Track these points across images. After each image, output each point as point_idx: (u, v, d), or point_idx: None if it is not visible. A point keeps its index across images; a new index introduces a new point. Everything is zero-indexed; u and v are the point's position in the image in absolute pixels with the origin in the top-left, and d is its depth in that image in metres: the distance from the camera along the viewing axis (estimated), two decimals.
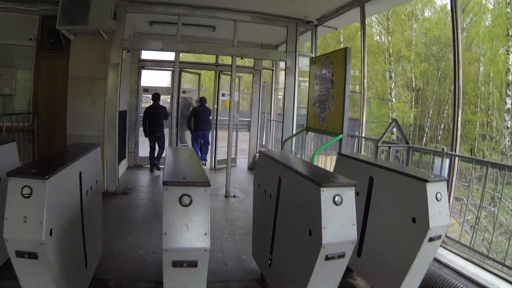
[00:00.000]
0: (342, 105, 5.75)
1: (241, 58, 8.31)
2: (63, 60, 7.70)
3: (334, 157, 7.30)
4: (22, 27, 7.83)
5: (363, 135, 6.78)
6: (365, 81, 6.65)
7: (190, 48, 8.27)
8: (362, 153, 6.49)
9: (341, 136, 5.77)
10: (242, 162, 12.06)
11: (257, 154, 11.34)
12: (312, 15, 8.14)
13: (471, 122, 22.78)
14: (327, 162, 7.57)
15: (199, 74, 11.37)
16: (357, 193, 3.77)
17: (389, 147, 5.38)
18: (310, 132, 7.17)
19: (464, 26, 23.24)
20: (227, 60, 11.45)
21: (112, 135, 7.95)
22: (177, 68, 8.32)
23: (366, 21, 6.72)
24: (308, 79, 7.08)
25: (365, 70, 6.61)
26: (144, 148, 11.58)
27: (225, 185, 8.33)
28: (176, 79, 8.95)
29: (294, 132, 8.39)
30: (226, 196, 8.24)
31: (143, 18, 8.96)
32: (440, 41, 24.78)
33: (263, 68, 11.48)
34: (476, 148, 22.59)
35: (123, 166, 10.08)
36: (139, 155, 11.27)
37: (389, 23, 25.28)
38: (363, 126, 6.63)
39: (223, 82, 11.01)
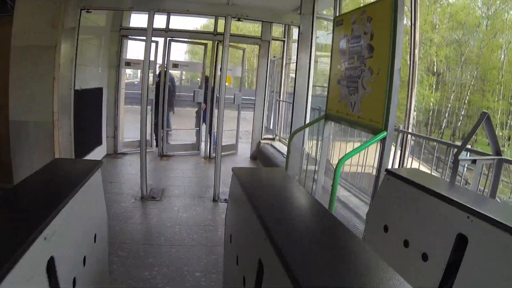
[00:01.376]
0: (388, 85, 3.37)
1: (239, 20, 5.90)
2: (7, 26, 5.52)
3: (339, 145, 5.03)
4: None
5: (410, 130, 4.41)
6: (416, 39, 4.28)
7: (168, 6, 5.82)
8: (412, 165, 4.22)
9: (384, 134, 3.40)
10: (246, 149, 9.77)
11: (262, 141, 9.04)
12: None
13: (494, 109, 21.51)
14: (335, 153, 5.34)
15: (205, 45, 9.00)
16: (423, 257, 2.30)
17: (474, 162, 2.98)
18: (331, 123, 4.74)
19: (490, 13, 22.60)
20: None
21: (66, 120, 5.76)
22: (150, 36, 5.87)
23: None
24: (329, 53, 4.73)
25: (416, 26, 4.24)
26: (129, 131, 9.38)
27: (214, 184, 6.07)
28: (150, 50, 6.59)
29: (307, 120, 6.04)
30: (214, 200, 6.02)
31: None
32: (465, 26, 22.92)
33: (272, 39, 9.04)
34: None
35: (97, 154, 7.98)
36: (124, 140, 9.10)
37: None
38: (410, 116, 4.28)
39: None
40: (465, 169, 4.74)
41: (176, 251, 4.30)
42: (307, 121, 6.03)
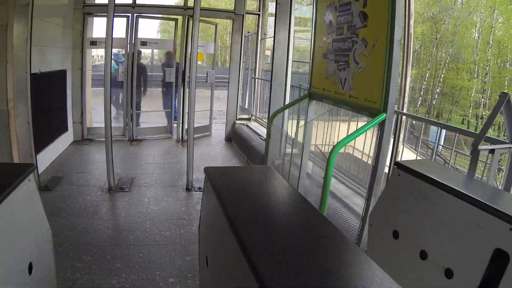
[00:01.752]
0: (387, 58, 2.83)
1: None
2: None
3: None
4: None
5: (405, 110, 3.92)
6: (411, 8, 3.75)
7: None
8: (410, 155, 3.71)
9: (383, 116, 2.87)
10: (220, 130, 9.18)
11: (237, 122, 8.47)
12: None
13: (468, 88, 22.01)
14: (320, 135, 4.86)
15: (176, 20, 8.23)
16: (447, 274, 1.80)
17: (492, 152, 2.46)
18: (316, 102, 4.17)
19: None
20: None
21: (23, 108, 5.06)
22: (112, 12, 5.11)
23: None
24: (304, 27, 4.15)
25: None
26: (98, 114, 8.67)
27: (186, 171, 5.48)
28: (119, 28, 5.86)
29: (287, 99, 5.49)
30: (187, 189, 5.46)
31: None
32: (441, 3, 22.76)
33: (246, 13, 8.38)
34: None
35: (63, 141, 7.30)
36: (93, 125, 8.39)
37: None
38: (406, 96, 3.78)
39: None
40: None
41: (147, 252, 3.75)
42: (287, 100, 5.49)
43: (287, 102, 5.49)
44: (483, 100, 21.20)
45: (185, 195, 5.24)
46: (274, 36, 5.32)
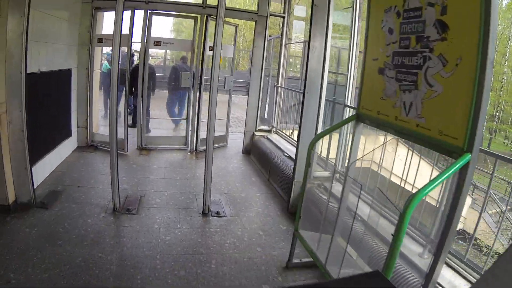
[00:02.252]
0: (477, 82, 2.21)
1: None
2: None
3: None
4: None
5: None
6: None
7: None
8: None
9: (468, 157, 2.25)
10: (237, 140, 8.58)
11: (257, 133, 7.86)
12: None
13: None
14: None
15: (195, 18, 7.57)
16: None
17: None
18: (365, 125, 3.51)
19: None
20: None
21: (16, 113, 4.48)
22: (121, 6, 4.55)
23: None
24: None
25: None
26: (105, 118, 8.15)
27: (203, 192, 4.88)
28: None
29: (321, 114, 4.88)
30: (204, 213, 4.86)
31: None
32: None
33: (270, 15, 7.77)
34: None
35: (66, 148, 6.77)
36: (100, 132, 7.95)
37: None
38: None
39: (212, 30, 7.44)
40: None
41: None
42: (321, 116, 4.87)
43: (321, 118, 4.86)
44: (497, 114, 20.55)
45: (201, 222, 4.63)
46: (309, 43, 4.67)
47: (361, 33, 5.00)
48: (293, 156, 6.14)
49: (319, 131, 4.90)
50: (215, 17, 4.69)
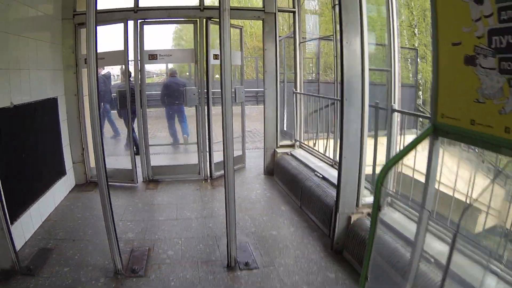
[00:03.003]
0: None
1: None
2: None
3: None
4: None
5: None
6: None
7: None
8: None
9: None
10: (255, 158, 7.63)
11: (278, 150, 6.90)
12: None
13: None
14: None
15: (195, 22, 6.50)
16: None
17: None
18: (446, 141, 2.47)
19: None
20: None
21: None
22: (93, 18, 3.67)
23: None
24: None
25: None
26: (106, 145, 7.22)
27: (226, 238, 3.87)
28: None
29: (366, 124, 3.88)
30: (229, 267, 3.85)
31: None
32: None
33: (278, 10, 6.83)
34: None
35: (60, 189, 5.90)
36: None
37: None
38: None
39: (213, 36, 6.52)
40: None
41: None
42: (365, 125, 3.87)
43: (366, 131, 3.86)
44: None
45: (227, 280, 3.61)
46: (341, 36, 3.69)
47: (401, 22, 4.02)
48: (327, 176, 5.23)
49: (365, 147, 3.91)
50: (216, 19, 3.77)
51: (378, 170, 4.09)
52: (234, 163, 6.71)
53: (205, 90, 6.46)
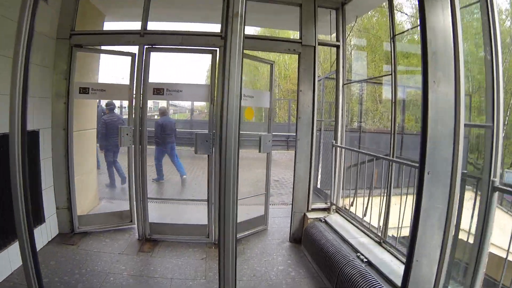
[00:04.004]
0: None
1: None
2: None
3: None
4: None
5: None
6: None
7: None
8: None
9: None
10: (280, 218, 6.31)
11: (309, 215, 5.55)
12: None
13: None
14: None
15: (213, 52, 5.32)
16: None
17: None
18: None
19: None
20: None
21: None
22: None
23: None
24: None
25: None
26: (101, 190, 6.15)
27: None
28: None
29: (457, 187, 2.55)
30: None
31: None
32: None
33: (319, 44, 5.63)
34: None
35: (37, 241, 4.55)
36: (91, 211, 6.17)
37: None
38: None
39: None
40: None
41: None
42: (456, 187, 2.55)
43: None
44: None
45: None
46: (424, 76, 2.38)
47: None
48: (375, 262, 3.93)
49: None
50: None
51: None
52: (252, 225, 5.44)
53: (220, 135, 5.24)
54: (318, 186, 6.40)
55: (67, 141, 5.32)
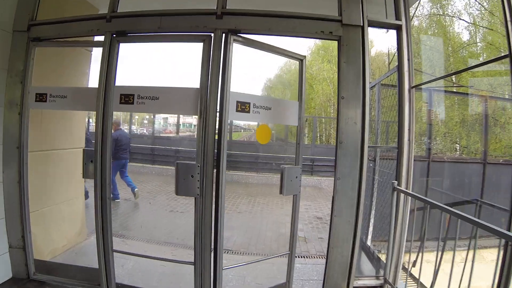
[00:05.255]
0: None
1: None
2: None
3: None
4: None
5: None
6: None
7: None
8: None
9: None
10: (313, 283, 4.40)
11: None
12: None
13: None
14: None
15: (205, 40, 3.53)
16: None
17: None
18: None
19: None
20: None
21: None
22: None
23: None
24: None
25: None
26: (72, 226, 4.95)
27: None
28: None
29: None
30: None
31: None
32: None
33: (369, 25, 3.66)
34: None
35: None
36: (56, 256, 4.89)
37: None
38: None
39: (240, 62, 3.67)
40: None
41: None
42: None
43: None
44: None
45: None
46: None
47: None
48: None
49: None
50: (246, 33, 1.69)
51: None
52: None
53: (214, 169, 3.50)
54: (368, 242, 4.45)
55: (21, 162, 4.04)
